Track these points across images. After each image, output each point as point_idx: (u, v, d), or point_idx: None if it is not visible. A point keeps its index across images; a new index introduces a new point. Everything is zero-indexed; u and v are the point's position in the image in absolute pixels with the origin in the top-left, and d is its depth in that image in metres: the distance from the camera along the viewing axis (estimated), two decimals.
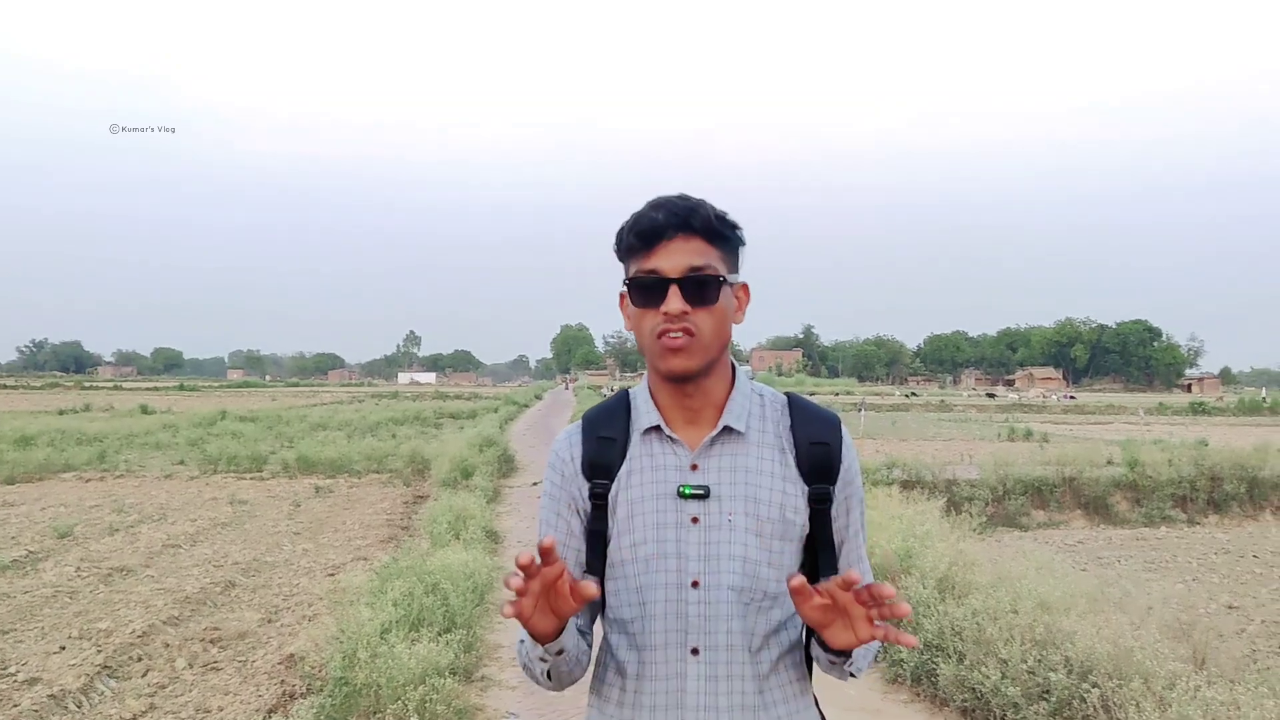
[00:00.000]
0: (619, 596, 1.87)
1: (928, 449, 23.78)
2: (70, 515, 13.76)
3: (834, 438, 1.89)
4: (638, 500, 1.85)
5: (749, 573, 1.80)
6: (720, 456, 1.85)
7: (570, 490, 1.92)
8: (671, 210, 1.79)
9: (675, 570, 1.81)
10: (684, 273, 1.77)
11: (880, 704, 6.12)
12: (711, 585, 1.80)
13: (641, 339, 1.84)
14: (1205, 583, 11.63)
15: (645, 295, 1.80)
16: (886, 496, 11.24)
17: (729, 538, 1.81)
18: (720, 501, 1.82)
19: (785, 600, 1.85)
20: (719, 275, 1.81)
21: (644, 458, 1.87)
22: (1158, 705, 4.56)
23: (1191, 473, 17.47)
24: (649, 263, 1.79)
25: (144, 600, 8.66)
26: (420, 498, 16.18)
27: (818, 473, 1.87)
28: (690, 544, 1.81)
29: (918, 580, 6.86)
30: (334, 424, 32.96)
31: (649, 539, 1.82)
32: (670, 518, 1.82)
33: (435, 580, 7.39)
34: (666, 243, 1.78)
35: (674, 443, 1.86)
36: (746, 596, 1.81)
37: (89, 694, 6.32)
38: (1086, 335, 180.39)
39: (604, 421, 1.93)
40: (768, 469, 1.86)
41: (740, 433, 1.86)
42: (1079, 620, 5.65)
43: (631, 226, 1.82)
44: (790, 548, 1.85)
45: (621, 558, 1.85)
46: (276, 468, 20.17)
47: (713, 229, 1.81)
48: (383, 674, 5.35)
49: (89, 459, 20.69)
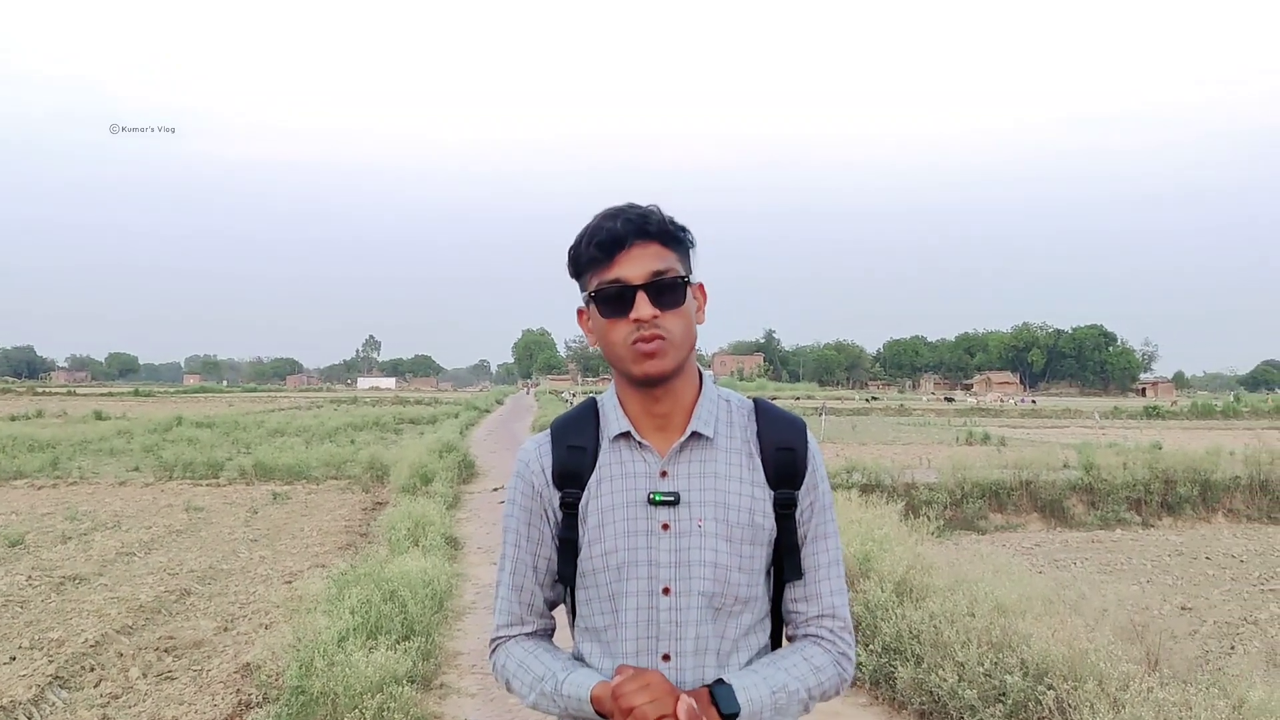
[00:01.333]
0: (590, 605, 1.89)
1: (887, 453, 23.94)
2: (21, 523, 13.52)
3: (799, 443, 1.91)
4: (608, 508, 1.85)
5: (719, 578, 1.82)
6: (689, 462, 1.87)
7: (541, 499, 1.93)
8: (627, 218, 1.80)
9: (647, 578, 1.83)
10: (648, 278, 1.79)
11: (839, 707, 6.13)
12: (682, 592, 1.82)
13: (612, 349, 1.83)
14: (1159, 584, 11.79)
15: (612, 305, 1.80)
16: (846, 500, 11.28)
17: (699, 544, 1.82)
18: (690, 508, 1.84)
19: (755, 604, 1.88)
20: (682, 277, 1.83)
21: (614, 465, 1.88)
22: (1112, 706, 4.60)
23: (1146, 476, 17.68)
24: (612, 272, 1.79)
25: (97, 609, 8.53)
26: (379, 504, 16.05)
27: (783, 477, 1.89)
28: (661, 551, 1.83)
29: (876, 584, 6.88)
30: (292, 430, 32.71)
31: (620, 547, 1.84)
32: (641, 525, 1.84)
33: (393, 587, 7.34)
34: (626, 251, 1.79)
35: (644, 449, 1.87)
36: (718, 602, 1.83)
37: (40, 705, 6.21)
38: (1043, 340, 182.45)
39: (573, 430, 1.94)
40: (736, 474, 1.87)
41: (709, 438, 1.88)
42: (1035, 623, 5.70)
43: (590, 238, 1.82)
44: (760, 552, 1.86)
45: (593, 566, 1.86)
46: (233, 474, 19.93)
47: (668, 233, 1.84)
48: (340, 682, 5.30)
49: (41, 466, 20.36)
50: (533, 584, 1.96)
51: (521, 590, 1.96)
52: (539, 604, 1.97)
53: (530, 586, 1.96)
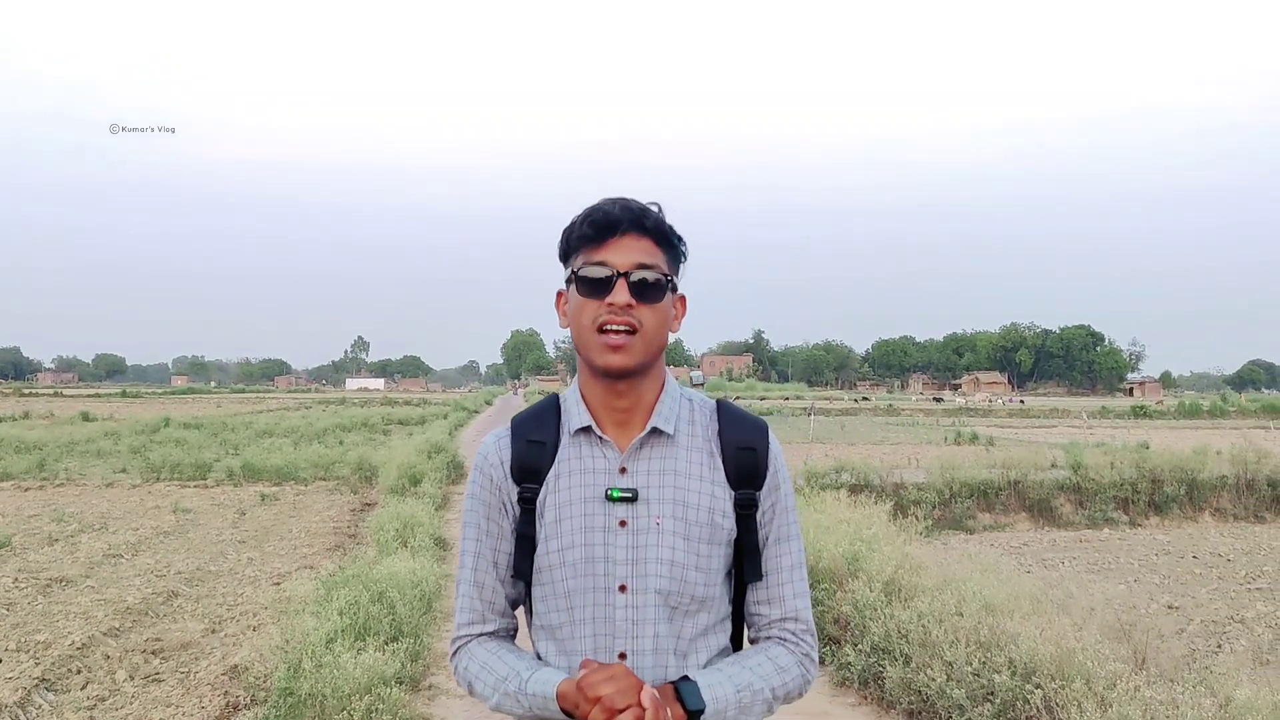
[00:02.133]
0: (547, 602, 1.88)
1: (876, 453, 23.97)
2: (8, 525, 13.44)
3: (761, 443, 1.91)
4: (565, 504, 1.85)
5: (676, 576, 1.81)
6: (649, 459, 1.86)
7: (500, 494, 1.92)
8: (626, 206, 1.83)
9: (603, 575, 1.82)
10: (633, 268, 1.79)
11: (828, 706, 6.15)
12: (639, 590, 1.81)
13: (580, 332, 1.83)
14: (1146, 583, 11.83)
15: (592, 286, 1.80)
16: (835, 500, 11.30)
17: (657, 541, 1.82)
18: (649, 505, 1.83)
19: (713, 604, 1.87)
20: (666, 275, 1.83)
21: (573, 460, 1.87)
22: (1099, 705, 4.62)
23: (1133, 475, 17.74)
24: (599, 254, 1.81)
25: (84, 611, 8.49)
26: (368, 505, 16.02)
27: (745, 477, 1.89)
28: (618, 548, 1.82)
29: (865, 583, 6.90)
30: (280, 431, 32.59)
31: (576, 543, 1.83)
32: (598, 521, 1.83)
33: (382, 589, 7.31)
34: (619, 237, 1.81)
35: (604, 444, 1.86)
36: (674, 600, 1.82)
37: (26, 707, 6.18)
38: (1031, 340, 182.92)
39: (533, 425, 1.93)
40: (696, 472, 1.87)
41: (669, 435, 1.87)
42: (1023, 622, 5.71)
43: (586, 217, 1.83)
44: (718, 551, 1.86)
45: (549, 562, 1.85)
46: (221, 475, 19.86)
47: (663, 233, 1.85)
48: (328, 684, 5.29)
49: (28, 467, 20.26)
50: (494, 580, 1.94)
51: (483, 587, 1.94)
52: (500, 602, 1.96)
53: (491, 583, 1.94)
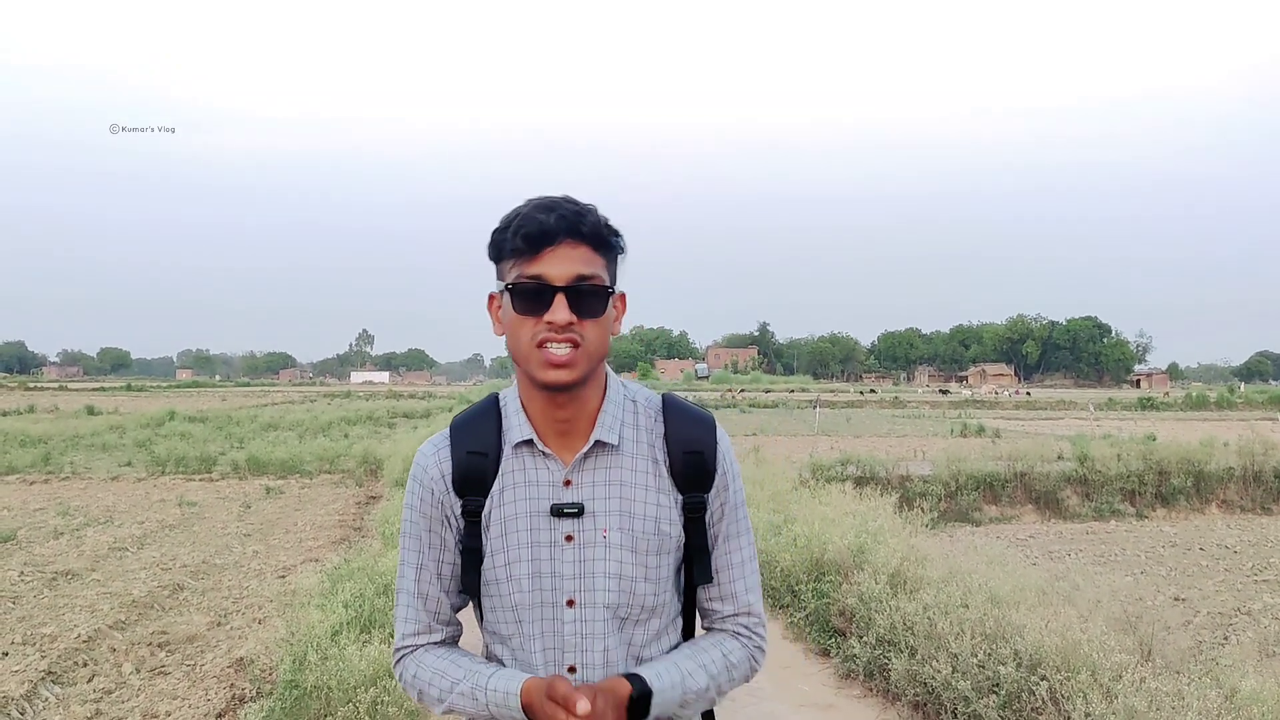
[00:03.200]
0: (496, 614, 1.85)
1: (881, 445, 23.99)
2: (13, 519, 13.50)
3: (709, 443, 1.86)
4: (510, 518, 1.81)
5: (625, 589, 1.79)
6: (594, 470, 1.82)
7: (441, 507, 1.86)
8: (561, 214, 1.71)
9: (550, 589, 1.79)
10: (571, 281, 1.70)
11: (833, 699, 6.15)
12: (587, 604, 1.78)
13: (518, 347, 1.75)
14: (1153, 575, 11.80)
15: (528, 302, 1.71)
16: (841, 493, 11.30)
17: (604, 555, 1.79)
18: (595, 518, 1.79)
19: (663, 609, 1.85)
20: (606, 285, 1.76)
21: (516, 473, 1.83)
22: (1105, 697, 4.61)
23: (1140, 467, 17.69)
24: (534, 268, 1.71)
25: (89, 604, 8.50)
26: (373, 498, 16.06)
27: (692, 480, 1.85)
28: (565, 563, 1.79)
29: (870, 576, 6.89)
30: (285, 424, 32.66)
31: (523, 558, 1.79)
32: (544, 536, 1.79)
33: (387, 581, 7.32)
34: (554, 248, 1.70)
35: (547, 458, 1.82)
36: (624, 612, 1.80)
37: (33, 700, 6.20)
38: (1038, 332, 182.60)
39: (472, 433, 1.87)
40: (641, 481, 1.83)
41: (614, 446, 1.82)
42: (1028, 614, 5.70)
43: (517, 228, 1.72)
44: (666, 560, 1.83)
45: (495, 576, 1.81)
46: (226, 469, 19.91)
47: (601, 237, 1.75)
48: (333, 676, 5.28)
49: (33, 461, 20.32)
50: (438, 591, 1.89)
51: (427, 598, 1.89)
52: (445, 612, 1.91)
53: (436, 594, 1.89)
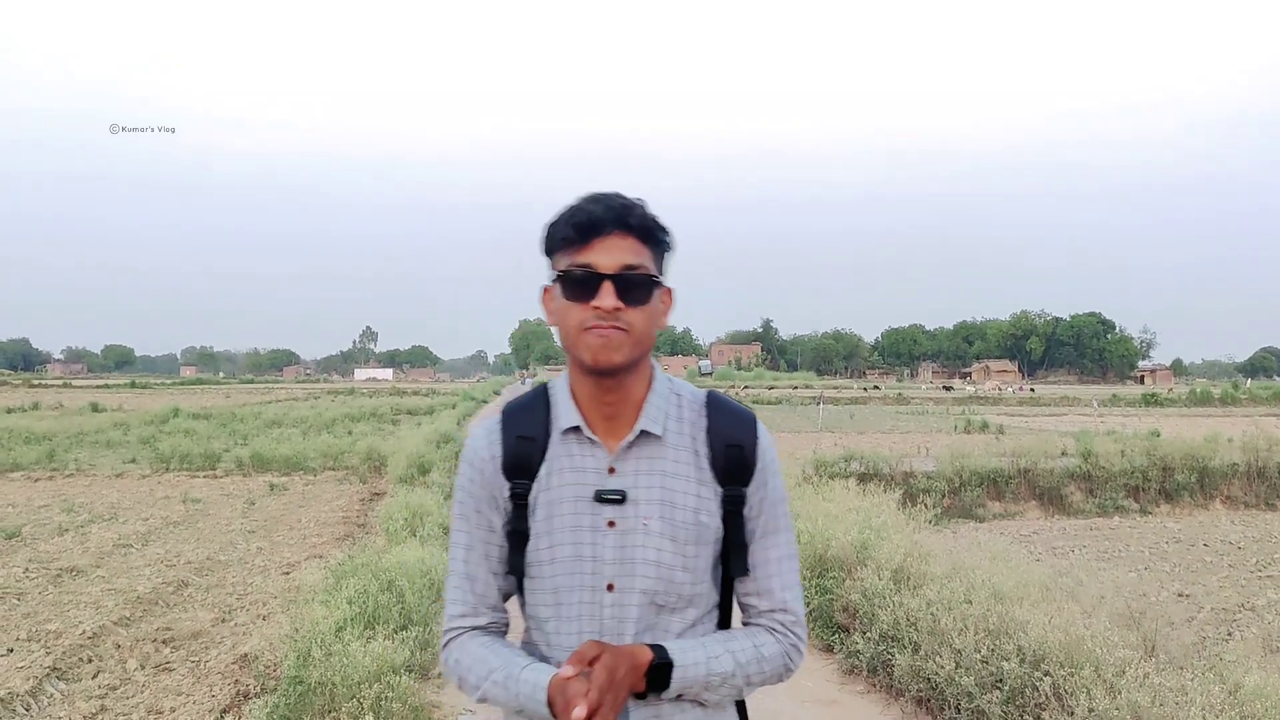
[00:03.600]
0: (536, 596, 1.89)
1: (885, 441, 23.94)
2: (18, 515, 13.52)
3: (749, 439, 1.91)
4: (556, 502, 1.85)
5: (663, 577, 1.83)
6: (638, 460, 1.86)
7: (490, 488, 1.92)
8: (609, 205, 1.79)
9: (590, 574, 1.83)
10: (619, 269, 1.77)
11: (837, 694, 6.15)
12: (626, 589, 1.82)
13: (567, 332, 1.82)
14: (1156, 571, 11.79)
15: (577, 289, 1.78)
16: (844, 489, 11.28)
17: (644, 542, 1.83)
18: (637, 506, 1.84)
19: (700, 600, 1.89)
20: (652, 275, 1.82)
21: (563, 458, 1.88)
22: (1108, 692, 4.60)
23: (1144, 463, 17.66)
24: (583, 256, 1.78)
25: (94, 601, 8.52)
26: (377, 495, 16.07)
27: (732, 475, 1.89)
28: (606, 548, 1.83)
29: (874, 572, 6.88)
30: (289, 421, 32.71)
31: (565, 541, 1.84)
32: (587, 521, 1.84)
33: (391, 577, 7.32)
34: (602, 238, 1.78)
35: (593, 444, 1.87)
36: (661, 599, 1.84)
37: (38, 696, 6.21)
38: (1041, 328, 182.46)
39: (523, 419, 1.93)
40: (683, 472, 1.87)
41: (657, 436, 1.87)
42: (1032, 610, 5.69)
43: (568, 218, 1.80)
44: (705, 551, 1.87)
45: (539, 559, 1.86)
46: (230, 465, 19.93)
47: (648, 230, 1.82)
48: (337, 672, 5.29)
49: (38, 458, 20.34)
50: (485, 573, 1.94)
51: (474, 580, 1.94)
52: (492, 595, 1.96)
53: (483, 576, 1.94)
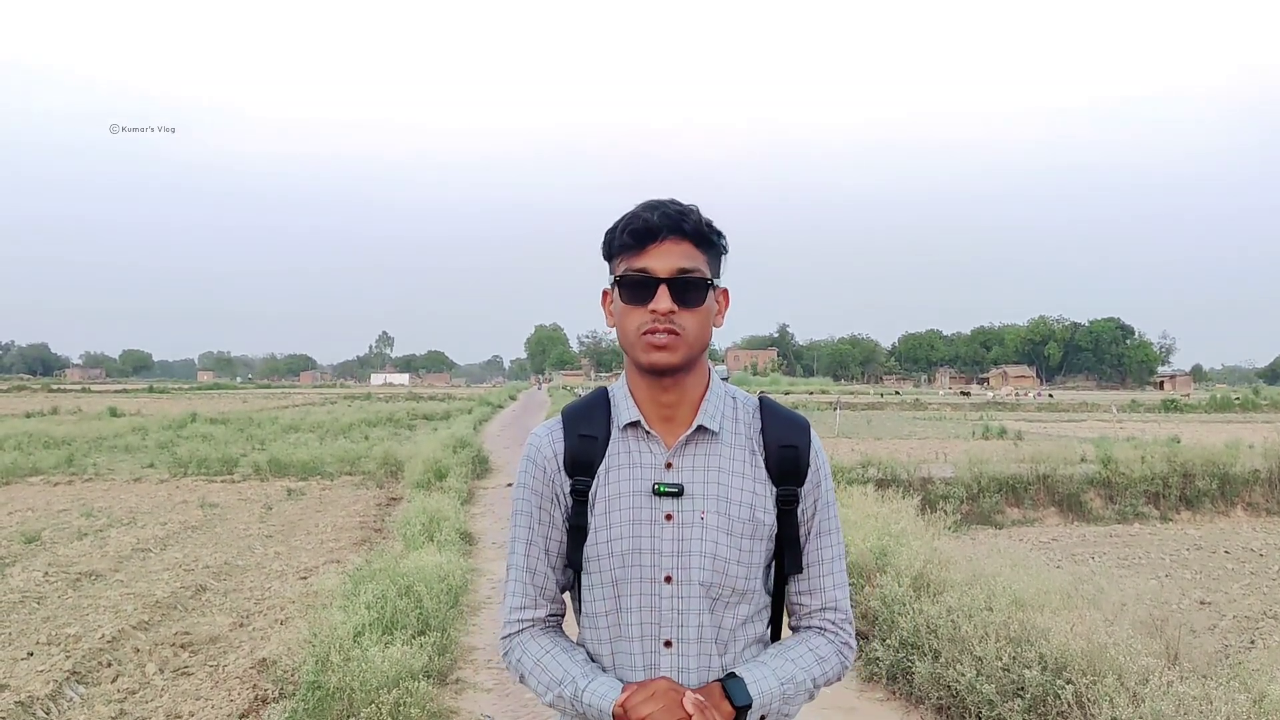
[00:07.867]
0: (594, 591, 1.96)
1: (903, 447, 23.84)
2: (38, 520, 13.58)
3: (803, 441, 1.98)
4: (615, 496, 1.92)
5: (719, 569, 1.89)
6: (694, 455, 1.93)
7: (552, 485, 1.99)
8: (665, 213, 1.87)
9: (650, 565, 1.90)
10: (674, 273, 1.86)
11: (855, 702, 6.12)
12: (683, 581, 1.89)
13: (625, 334, 1.91)
14: (1178, 579, 11.70)
15: (634, 293, 1.88)
16: (862, 495, 11.25)
17: (700, 535, 1.89)
18: (693, 500, 1.91)
19: (753, 596, 1.95)
20: (706, 278, 1.90)
21: (622, 454, 1.95)
22: (1131, 701, 4.57)
23: (1164, 470, 17.50)
24: (640, 261, 1.87)
25: (113, 605, 8.55)
26: (393, 500, 16.06)
27: (786, 474, 1.96)
28: (664, 540, 1.90)
29: (893, 578, 6.86)
30: (306, 426, 32.78)
31: (625, 535, 1.91)
32: (645, 514, 1.91)
33: (409, 583, 7.34)
34: (658, 244, 1.87)
35: (651, 439, 1.94)
36: (715, 592, 1.90)
37: (57, 700, 6.23)
38: (1059, 333, 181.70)
39: (584, 418, 2.01)
40: (739, 469, 1.94)
41: (714, 432, 1.95)
42: (1053, 617, 5.66)
43: (625, 225, 1.90)
44: (759, 546, 1.94)
45: (598, 553, 1.93)
46: (248, 470, 19.94)
47: (702, 234, 1.91)
48: (356, 677, 5.30)
49: (57, 462, 20.40)
50: (545, 566, 2.02)
51: (535, 573, 2.02)
52: (551, 587, 2.03)
53: (543, 569, 2.02)
